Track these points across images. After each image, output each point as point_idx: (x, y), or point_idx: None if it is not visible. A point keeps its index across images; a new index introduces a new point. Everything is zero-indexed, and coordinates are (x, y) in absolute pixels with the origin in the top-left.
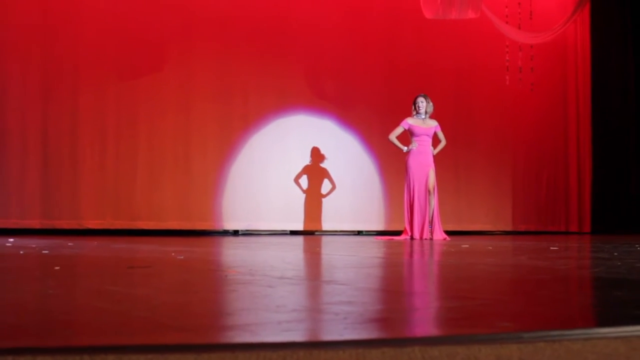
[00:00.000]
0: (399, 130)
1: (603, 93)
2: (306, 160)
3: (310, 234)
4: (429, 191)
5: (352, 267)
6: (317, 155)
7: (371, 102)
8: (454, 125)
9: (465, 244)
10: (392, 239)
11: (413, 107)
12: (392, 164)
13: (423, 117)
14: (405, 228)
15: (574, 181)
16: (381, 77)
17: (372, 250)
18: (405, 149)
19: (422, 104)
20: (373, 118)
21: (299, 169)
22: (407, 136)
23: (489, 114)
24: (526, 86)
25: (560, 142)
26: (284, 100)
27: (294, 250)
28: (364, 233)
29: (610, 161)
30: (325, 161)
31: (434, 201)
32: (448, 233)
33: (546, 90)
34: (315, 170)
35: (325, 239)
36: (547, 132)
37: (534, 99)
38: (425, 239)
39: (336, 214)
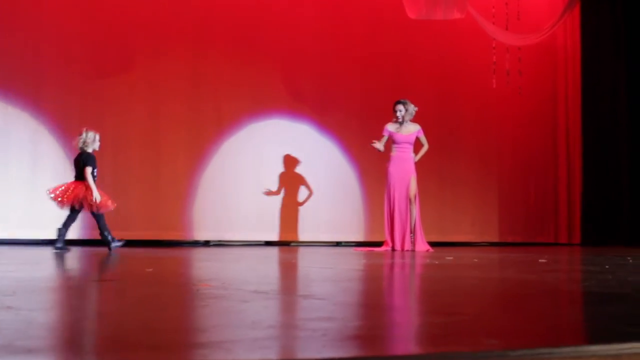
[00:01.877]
0: (383, 139)
1: (594, 97)
2: (282, 166)
3: (286, 245)
4: (410, 200)
5: (331, 281)
6: (293, 161)
7: (351, 106)
8: (437, 130)
9: (449, 255)
10: (373, 250)
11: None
12: (372, 171)
13: (401, 122)
14: (385, 239)
15: (563, 190)
16: (362, 79)
17: (352, 263)
18: (377, 144)
19: (400, 112)
20: (353, 122)
21: (274, 176)
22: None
23: (474, 118)
24: (514, 90)
25: (549, 149)
26: (259, 103)
27: (269, 263)
28: (343, 244)
29: (602, 169)
30: (302, 168)
31: (415, 210)
32: (431, 244)
33: (535, 94)
34: (291, 177)
35: (302, 251)
36: (536, 138)
37: (522, 103)
38: (407, 250)
39: (314, 223)
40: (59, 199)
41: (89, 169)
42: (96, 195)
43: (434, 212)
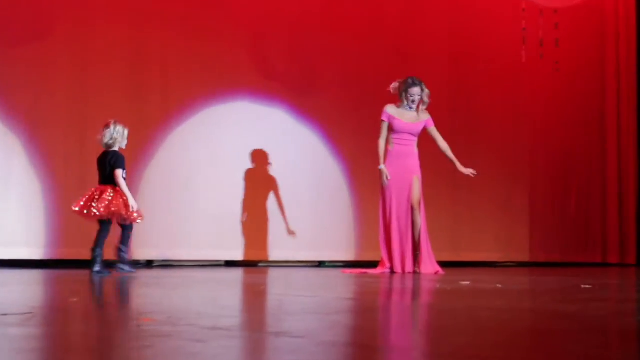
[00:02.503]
0: (384, 128)
1: None
2: (248, 163)
3: (253, 265)
4: (413, 207)
5: (311, 313)
6: (263, 157)
7: (341, 86)
8: (449, 120)
9: (465, 279)
10: (366, 272)
11: (402, 96)
12: (366, 169)
13: (413, 109)
14: (382, 258)
15: (613, 196)
16: (353, 51)
17: (339, 289)
18: (381, 167)
19: (416, 96)
20: (341, 107)
21: (238, 176)
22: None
23: (497, 105)
24: (549, 65)
25: (594, 144)
26: (218, 82)
27: (231, 289)
28: (328, 264)
29: None
30: (275, 165)
31: (421, 221)
32: (442, 265)
33: (575, 72)
34: (260, 178)
35: (273, 273)
36: (577, 130)
37: (559, 83)
38: (410, 272)
39: (289, 238)
40: (91, 211)
41: (120, 172)
42: (133, 202)
43: (446, 223)
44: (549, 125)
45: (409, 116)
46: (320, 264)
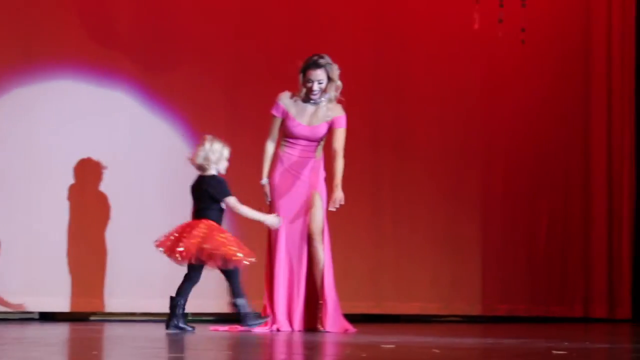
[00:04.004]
0: (275, 126)
1: None
2: (72, 173)
3: (82, 319)
4: (312, 237)
5: None
6: (89, 163)
7: (210, 59)
8: (371, 121)
9: (388, 341)
10: (242, 330)
11: (301, 79)
12: (245, 178)
13: (317, 102)
14: (264, 306)
15: (600, 227)
16: (231, 8)
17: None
18: (263, 182)
19: (319, 82)
20: (211, 89)
21: (59, 193)
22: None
23: (437, 94)
24: (512, 36)
25: (574, 151)
26: (31, 52)
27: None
28: (190, 318)
29: None
30: (111, 172)
31: (324, 257)
32: (357, 319)
33: (551, 46)
34: (91, 195)
35: (110, 331)
36: (550, 130)
37: (525, 61)
38: (303, 331)
39: (131, 279)
40: (178, 252)
41: (232, 200)
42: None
43: (365, 262)
44: (509, 124)
45: (310, 114)
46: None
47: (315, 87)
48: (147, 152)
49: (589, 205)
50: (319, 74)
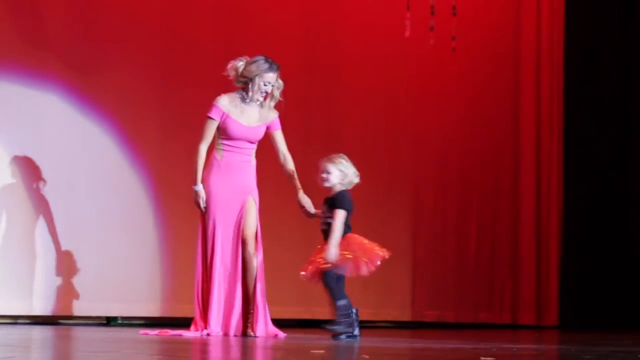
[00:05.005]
0: (210, 129)
1: (588, 66)
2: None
3: (9, 323)
4: (245, 241)
5: None
6: (20, 164)
7: (143, 61)
8: (303, 123)
9: (318, 347)
10: (173, 334)
11: (249, 81)
12: (178, 184)
13: (261, 103)
14: (195, 315)
15: (528, 235)
16: (167, 12)
17: None
18: (198, 187)
19: (270, 85)
20: (144, 91)
21: None
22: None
23: (367, 100)
24: (442, 42)
25: (503, 155)
26: None
27: None
28: (120, 322)
29: (597, 196)
30: (38, 176)
31: (257, 262)
32: (285, 325)
33: (480, 53)
34: (18, 197)
35: (37, 333)
36: (480, 136)
37: (455, 68)
38: (236, 336)
39: (55, 283)
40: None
41: (341, 213)
42: (333, 251)
43: (295, 267)
44: (439, 130)
45: (249, 115)
46: (109, 322)
47: (269, 89)
48: (78, 154)
49: (517, 213)
50: (273, 77)
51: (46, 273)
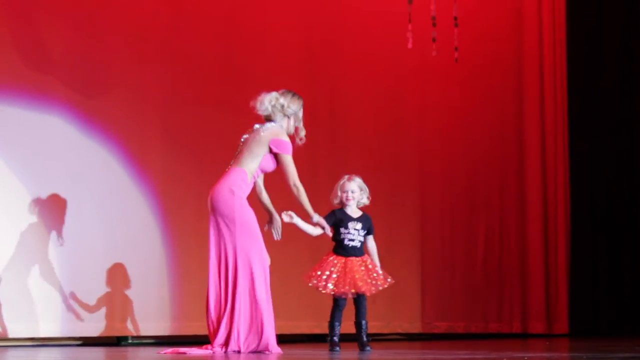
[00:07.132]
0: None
1: (591, 74)
2: (2, 199)
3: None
4: None
5: None
6: (25, 188)
7: (149, 84)
8: (309, 136)
9: None
10: (185, 353)
11: (299, 118)
12: (184, 203)
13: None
14: (209, 331)
15: (536, 244)
16: (169, 34)
17: None
18: (316, 217)
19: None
20: (150, 114)
21: None
22: None
23: (372, 111)
24: (445, 53)
25: (509, 165)
26: None
27: None
28: (131, 341)
29: (605, 204)
30: (52, 200)
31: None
32: (286, 340)
33: (483, 63)
34: (21, 219)
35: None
36: (485, 146)
37: (459, 79)
38: (237, 352)
39: (63, 304)
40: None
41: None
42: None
43: (304, 282)
44: (444, 142)
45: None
46: (119, 342)
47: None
48: (83, 176)
49: (524, 222)
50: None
51: (54, 294)
